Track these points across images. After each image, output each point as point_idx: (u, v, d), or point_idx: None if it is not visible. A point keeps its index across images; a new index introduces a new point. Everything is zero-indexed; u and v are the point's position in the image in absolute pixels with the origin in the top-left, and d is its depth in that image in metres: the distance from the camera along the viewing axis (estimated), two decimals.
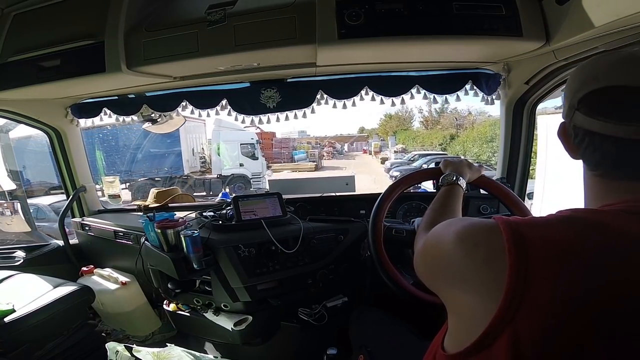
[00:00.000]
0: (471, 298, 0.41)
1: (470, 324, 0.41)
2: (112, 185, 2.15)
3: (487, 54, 1.30)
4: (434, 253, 0.51)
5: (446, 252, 0.47)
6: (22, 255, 1.83)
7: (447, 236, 0.47)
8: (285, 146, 19.61)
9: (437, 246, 0.50)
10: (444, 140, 19.04)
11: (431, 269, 0.53)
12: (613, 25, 0.84)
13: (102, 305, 1.75)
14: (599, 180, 0.48)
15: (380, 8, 1.05)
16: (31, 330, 1.29)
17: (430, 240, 0.53)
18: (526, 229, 0.40)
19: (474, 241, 0.43)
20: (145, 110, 1.67)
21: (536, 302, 0.36)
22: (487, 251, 0.41)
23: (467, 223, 0.47)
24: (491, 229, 0.42)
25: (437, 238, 0.51)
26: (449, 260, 0.46)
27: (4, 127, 2.42)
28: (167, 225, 1.29)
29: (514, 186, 1.61)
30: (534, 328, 0.36)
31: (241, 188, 10.15)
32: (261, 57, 1.27)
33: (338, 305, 1.44)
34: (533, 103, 1.49)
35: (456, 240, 0.45)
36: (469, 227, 0.46)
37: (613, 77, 0.43)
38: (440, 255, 0.49)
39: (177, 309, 1.59)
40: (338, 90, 1.51)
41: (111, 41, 1.21)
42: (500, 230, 0.41)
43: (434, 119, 24.56)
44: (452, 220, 0.52)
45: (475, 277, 0.41)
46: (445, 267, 0.47)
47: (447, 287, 0.47)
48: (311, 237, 1.41)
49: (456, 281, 0.44)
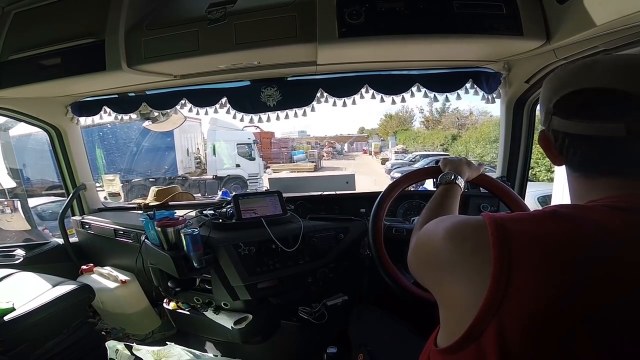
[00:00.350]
0: (460, 289, 0.43)
1: (460, 317, 0.42)
2: (112, 183, 2.15)
3: (487, 52, 1.30)
4: (426, 249, 0.53)
5: (437, 247, 0.49)
6: (22, 254, 1.83)
7: (438, 232, 0.50)
8: (284, 146, 19.52)
9: (428, 242, 0.53)
10: (446, 140, 18.85)
11: (423, 263, 0.55)
12: (613, 24, 0.84)
13: (102, 304, 1.75)
14: (582, 180, 0.50)
15: (380, 7, 1.05)
16: (31, 328, 1.29)
17: (422, 236, 0.56)
18: (511, 224, 0.42)
19: (463, 235, 0.46)
20: (144, 108, 1.67)
21: (520, 294, 0.38)
22: (474, 244, 0.43)
23: (457, 220, 0.49)
24: (478, 225, 0.44)
25: (429, 235, 0.53)
26: (439, 254, 0.48)
27: (3, 125, 2.42)
28: (167, 223, 1.29)
29: (514, 185, 1.61)
30: (519, 320, 0.37)
31: (237, 190, 9.92)
32: (261, 55, 1.27)
33: (338, 304, 1.45)
34: (533, 102, 1.49)
35: (446, 236, 0.48)
36: (457, 223, 0.48)
37: (579, 81, 0.47)
38: (431, 251, 0.51)
39: (177, 308, 1.59)
40: (338, 88, 1.51)
41: (112, 39, 1.21)
42: (486, 225, 0.43)
43: (435, 119, 24.39)
44: (444, 217, 0.55)
45: (463, 268, 0.43)
46: (436, 261, 0.49)
47: (438, 280, 0.49)
48: (311, 235, 1.42)
49: (446, 273, 0.46)
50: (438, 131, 22.10)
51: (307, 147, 21.66)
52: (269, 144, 18.72)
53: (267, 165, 16.17)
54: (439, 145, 19.03)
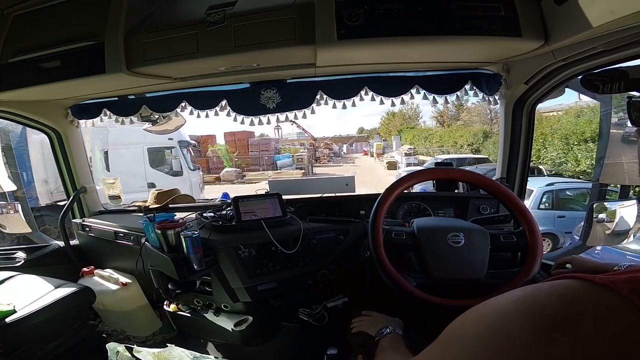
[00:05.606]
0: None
1: None
2: (112, 186, 2.15)
3: (486, 54, 1.31)
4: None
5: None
6: (23, 256, 1.83)
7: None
8: (265, 149, 15.58)
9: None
10: (475, 139, 15.24)
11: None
12: (610, 25, 0.84)
13: (103, 306, 1.75)
14: None
15: (379, 8, 1.06)
16: (32, 330, 1.29)
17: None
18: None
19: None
20: (145, 111, 1.67)
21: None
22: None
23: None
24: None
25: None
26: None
27: (4, 128, 2.42)
28: (168, 226, 1.30)
29: (513, 186, 1.61)
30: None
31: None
32: (261, 57, 1.27)
33: (338, 306, 1.44)
34: (532, 103, 1.49)
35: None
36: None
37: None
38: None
39: (177, 310, 1.59)
40: (338, 90, 1.51)
41: (111, 42, 1.21)
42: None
43: (451, 114, 21.19)
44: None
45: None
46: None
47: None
48: (311, 237, 1.42)
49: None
50: (458, 128, 18.47)
51: (294, 150, 17.37)
52: (245, 147, 14.98)
53: (243, 174, 13.25)
54: (467, 145, 15.57)
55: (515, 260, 1.08)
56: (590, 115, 8.94)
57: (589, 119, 8.85)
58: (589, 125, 8.54)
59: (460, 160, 11.15)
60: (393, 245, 1.03)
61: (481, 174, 1.13)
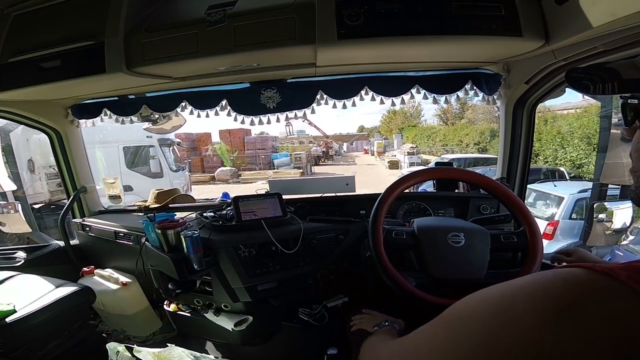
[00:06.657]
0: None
1: None
2: (112, 186, 2.15)
3: (486, 54, 1.30)
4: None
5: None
6: (23, 256, 1.83)
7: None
8: (261, 147, 15.07)
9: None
10: (482, 137, 14.68)
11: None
12: (611, 25, 0.84)
13: (103, 306, 1.75)
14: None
15: (379, 8, 1.05)
16: (32, 330, 1.29)
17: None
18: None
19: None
20: (145, 110, 1.67)
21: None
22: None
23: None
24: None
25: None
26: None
27: (4, 128, 2.42)
28: (168, 225, 1.30)
29: (513, 186, 1.61)
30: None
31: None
32: (261, 57, 1.27)
33: (338, 306, 1.44)
34: (533, 103, 1.49)
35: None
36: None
37: None
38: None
39: (177, 310, 1.59)
40: (338, 90, 1.51)
41: (111, 42, 1.21)
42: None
43: (455, 112, 20.71)
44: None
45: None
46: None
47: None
48: (311, 237, 1.42)
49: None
50: (464, 126, 17.87)
51: (292, 148, 16.91)
52: (241, 145, 14.60)
53: (239, 174, 12.76)
54: (472, 143, 15.02)
55: (515, 260, 1.08)
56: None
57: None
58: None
59: (465, 160, 10.17)
60: (393, 244, 1.03)
61: (481, 174, 1.13)
